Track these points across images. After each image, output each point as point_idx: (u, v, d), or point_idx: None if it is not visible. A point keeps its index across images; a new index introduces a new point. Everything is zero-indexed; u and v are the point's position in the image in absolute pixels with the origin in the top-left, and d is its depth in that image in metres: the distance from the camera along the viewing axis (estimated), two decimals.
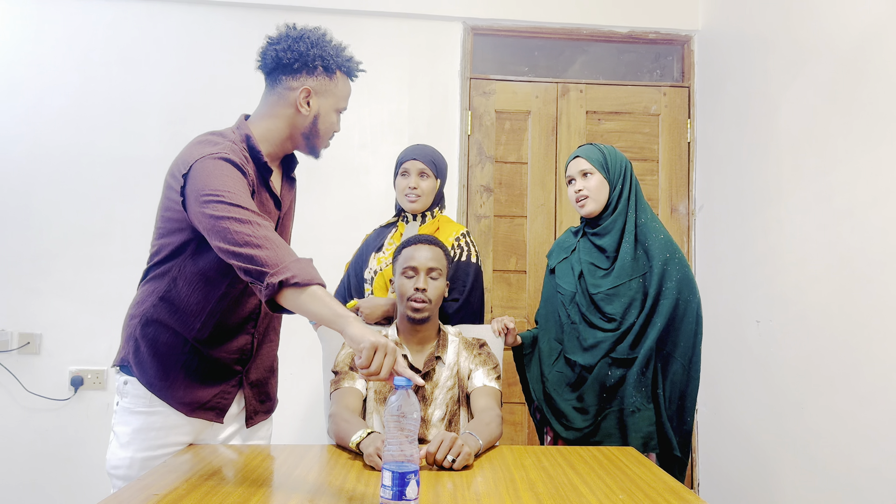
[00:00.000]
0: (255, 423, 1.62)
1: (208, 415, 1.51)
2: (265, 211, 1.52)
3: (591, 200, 1.94)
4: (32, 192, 2.90)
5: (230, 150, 1.42)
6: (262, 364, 1.62)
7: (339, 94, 1.54)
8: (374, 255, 2.18)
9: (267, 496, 1.20)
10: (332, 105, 1.53)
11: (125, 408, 1.48)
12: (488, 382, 1.77)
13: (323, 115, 1.52)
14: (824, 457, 2.18)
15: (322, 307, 1.26)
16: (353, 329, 1.22)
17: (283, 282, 1.25)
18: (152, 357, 1.46)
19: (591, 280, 1.94)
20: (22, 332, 2.85)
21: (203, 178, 1.36)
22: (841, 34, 2.18)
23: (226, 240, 1.31)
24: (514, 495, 1.24)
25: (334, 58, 1.51)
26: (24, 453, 2.83)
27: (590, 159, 1.95)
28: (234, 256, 1.30)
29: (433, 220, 2.18)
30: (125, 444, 1.47)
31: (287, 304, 1.28)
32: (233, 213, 1.32)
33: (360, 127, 3.07)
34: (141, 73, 2.98)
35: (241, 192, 1.36)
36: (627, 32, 3.22)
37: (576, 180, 1.97)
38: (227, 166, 1.38)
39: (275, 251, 1.29)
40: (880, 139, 1.99)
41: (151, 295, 1.48)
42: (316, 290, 1.27)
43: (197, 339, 1.47)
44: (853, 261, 2.08)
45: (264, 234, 1.31)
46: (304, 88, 1.49)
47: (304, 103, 1.49)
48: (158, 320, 1.47)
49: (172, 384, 1.47)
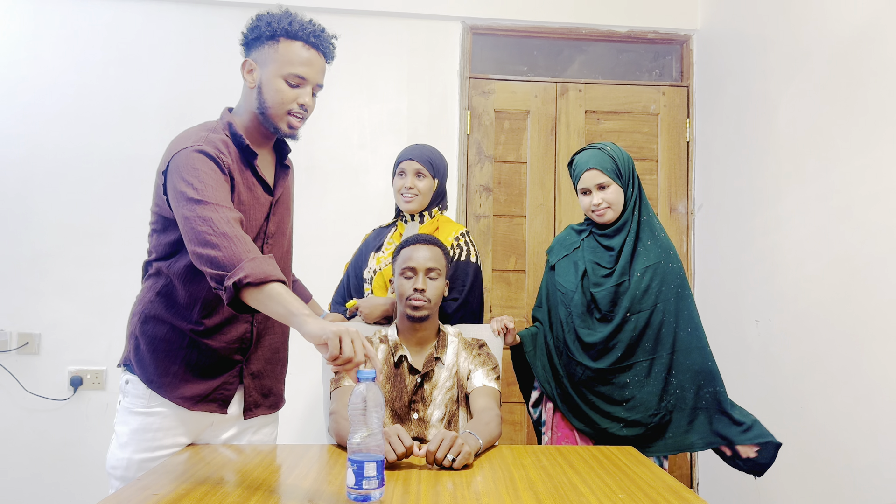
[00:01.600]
0: (254, 415, 1.59)
1: (210, 406, 1.50)
2: (252, 197, 1.51)
3: (611, 210, 1.92)
4: (31, 192, 2.89)
5: (204, 140, 1.43)
6: (263, 354, 1.59)
7: (282, 59, 1.45)
8: (373, 255, 2.18)
9: (266, 496, 1.20)
10: (275, 71, 1.46)
11: (125, 407, 1.49)
12: (488, 382, 1.77)
13: (265, 82, 1.47)
14: (824, 455, 2.18)
15: (278, 306, 1.25)
16: (310, 326, 1.20)
17: (238, 283, 1.24)
18: (151, 353, 1.47)
19: (593, 279, 1.94)
20: (21, 332, 2.85)
21: (176, 174, 1.38)
22: (839, 33, 2.19)
23: (190, 240, 1.32)
24: (513, 495, 1.24)
25: (275, 24, 1.46)
26: (24, 453, 2.82)
27: (605, 170, 1.90)
28: (198, 259, 1.31)
29: (432, 220, 2.18)
30: (123, 444, 1.47)
31: (250, 303, 1.28)
32: (196, 211, 1.32)
33: (359, 126, 3.07)
34: (139, 73, 2.98)
35: (210, 185, 1.36)
36: (626, 32, 3.22)
37: (592, 192, 1.93)
38: (199, 158, 1.39)
39: (231, 249, 1.28)
40: (879, 138, 1.99)
41: (149, 291, 1.49)
42: (272, 288, 1.26)
43: (194, 331, 1.47)
44: (852, 259, 2.08)
45: (223, 231, 1.30)
46: (244, 61, 1.50)
47: (248, 77, 1.50)
48: (156, 316, 1.47)
49: (173, 380, 1.46)
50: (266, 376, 1.61)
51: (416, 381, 1.76)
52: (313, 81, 1.50)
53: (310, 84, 1.49)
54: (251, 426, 1.62)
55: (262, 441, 1.64)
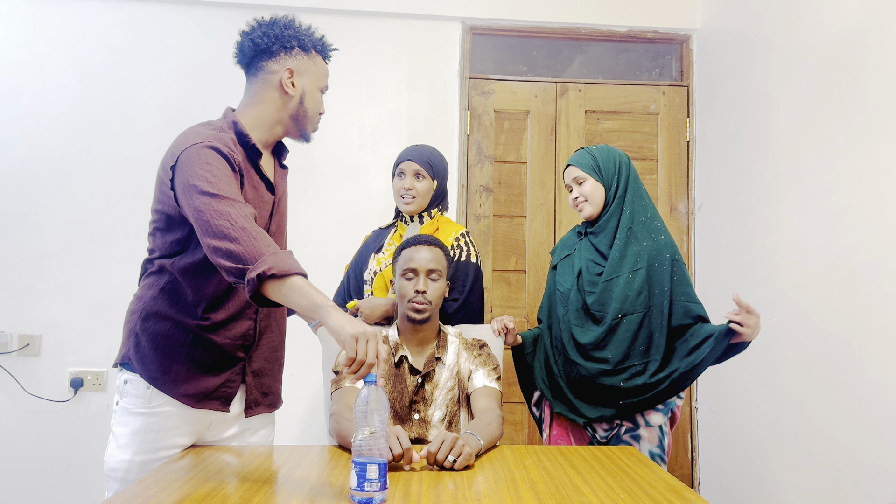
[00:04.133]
0: (254, 413, 1.60)
1: (213, 404, 1.50)
2: (257, 195, 1.52)
3: (588, 205, 1.98)
4: (31, 194, 2.89)
5: (215, 137, 1.43)
6: (263, 353, 1.60)
7: (319, 73, 1.58)
8: (373, 257, 2.18)
9: (267, 497, 1.20)
10: (315, 83, 1.57)
11: (124, 408, 1.48)
12: (488, 383, 1.77)
13: (308, 93, 1.56)
14: (825, 455, 2.18)
15: (302, 298, 1.26)
16: (334, 319, 1.22)
17: (262, 275, 1.25)
18: (154, 351, 1.46)
19: (587, 277, 1.96)
20: (22, 333, 2.85)
21: (188, 168, 1.38)
22: (838, 32, 2.19)
23: (206, 233, 1.32)
24: (515, 495, 1.24)
25: (308, 37, 1.55)
26: (24, 455, 2.82)
27: (580, 165, 1.99)
28: (215, 252, 1.31)
29: (432, 220, 2.18)
30: (123, 445, 1.46)
31: (272, 297, 1.29)
32: (212, 205, 1.33)
33: (359, 127, 3.07)
34: (139, 74, 2.98)
35: (224, 180, 1.37)
36: (626, 32, 3.22)
37: (572, 188, 2.02)
38: (211, 154, 1.39)
39: (252, 243, 1.29)
40: (878, 137, 1.99)
41: (151, 288, 1.49)
42: (296, 280, 1.27)
43: (200, 326, 1.47)
44: (852, 258, 2.08)
45: (241, 226, 1.31)
46: (288, 69, 1.52)
47: (289, 84, 1.53)
48: (158, 313, 1.47)
49: (176, 377, 1.46)
50: (266, 374, 1.62)
51: (417, 381, 1.76)
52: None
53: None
54: (250, 427, 1.62)
55: (259, 442, 1.65)
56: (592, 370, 1.88)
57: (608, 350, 1.88)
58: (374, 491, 1.15)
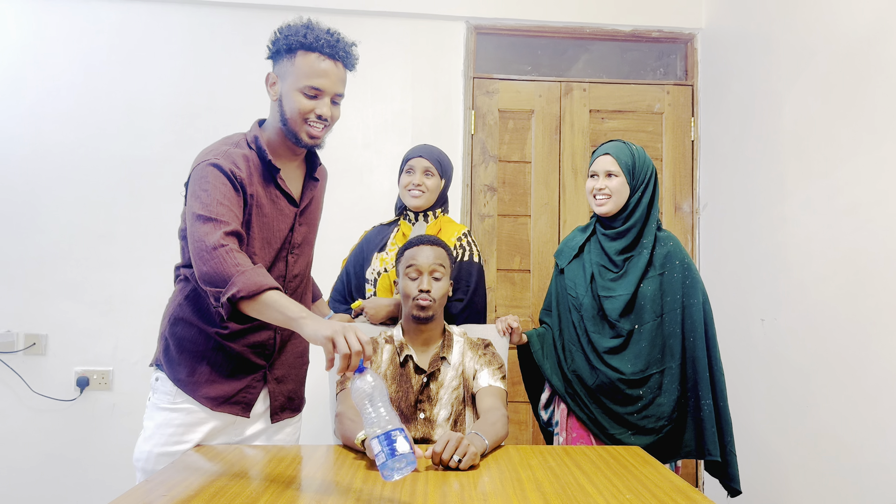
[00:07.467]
0: (280, 419, 1.65)
1: (234, 409, 1.55)
2: (276, 209, 1.55)
3: (611, 201, 1.91)
4: (37, 193, 2.90)
5: (223, 154, 1.46)
6: (286, 360, 1.65)
7: (298, 72, 1.46)
8: (377, 255, 2.17)
9: (274, 496, 1.21)
10: (292, 85, 1.47)
11: (154, 403, 1.55)
12: (494, 382, 1.77)
13: (284, 95, 1.50)
14: (830, 455, 2.17)
15: (275, 312, 1.29)
16: (308, 328, 1.24)
17: (231, 298, 1.29)
18: (179, 354, 1.53)
19: (601, 282, 1.94)
20: (28, 332, 2.86)
21: (191, 186, 1.44)
22: (845, 32, 2.18)
23: (191, 255, 1.38)
24: (520, 495, 1.24)
25: (292, 37, 1.47)
26: (30, 454, 2.84)
27: (619, 160, 1.91)
28: (197, 277, 1.36)
29: (435, 220, 2.18)
30: (147, 437, 1.53)
31: (249, 314, 1.32)
32: (195, 226, 1.38)
33: (363, 127, 3.07)
34: (144, 74, 2.98)
35: (216, 200, 1.40)
36: (631, 31, 3.21)
37: (599, 176, 1.93)
38: (212, 172, 1.43)
39: (220, 265, 1.32)
40: (884, 136, 1.99)
41: (178, 295, 1.56)
42: (267, 296, 1.30)
43: (219, 334, 1.52)
44: (858, 258, 2.08)
45: (212, 247, 1.33)
46: (267, 75, 1.53)
47: (269, 90, 1.53)
48: (184, 319, 1.53)
49: (198, 379, 1.52)
50: (290, 380, 1.67)
51: (422, 380, 1.77)
52: (331, 92, 1.50)
53: (327, 95, 1.50)
54: (273, 425, 1.66)
55: (283, 441, 1.69)
56: (613, 377, 1.88)
57: (626, 359, 1.89)
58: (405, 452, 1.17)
